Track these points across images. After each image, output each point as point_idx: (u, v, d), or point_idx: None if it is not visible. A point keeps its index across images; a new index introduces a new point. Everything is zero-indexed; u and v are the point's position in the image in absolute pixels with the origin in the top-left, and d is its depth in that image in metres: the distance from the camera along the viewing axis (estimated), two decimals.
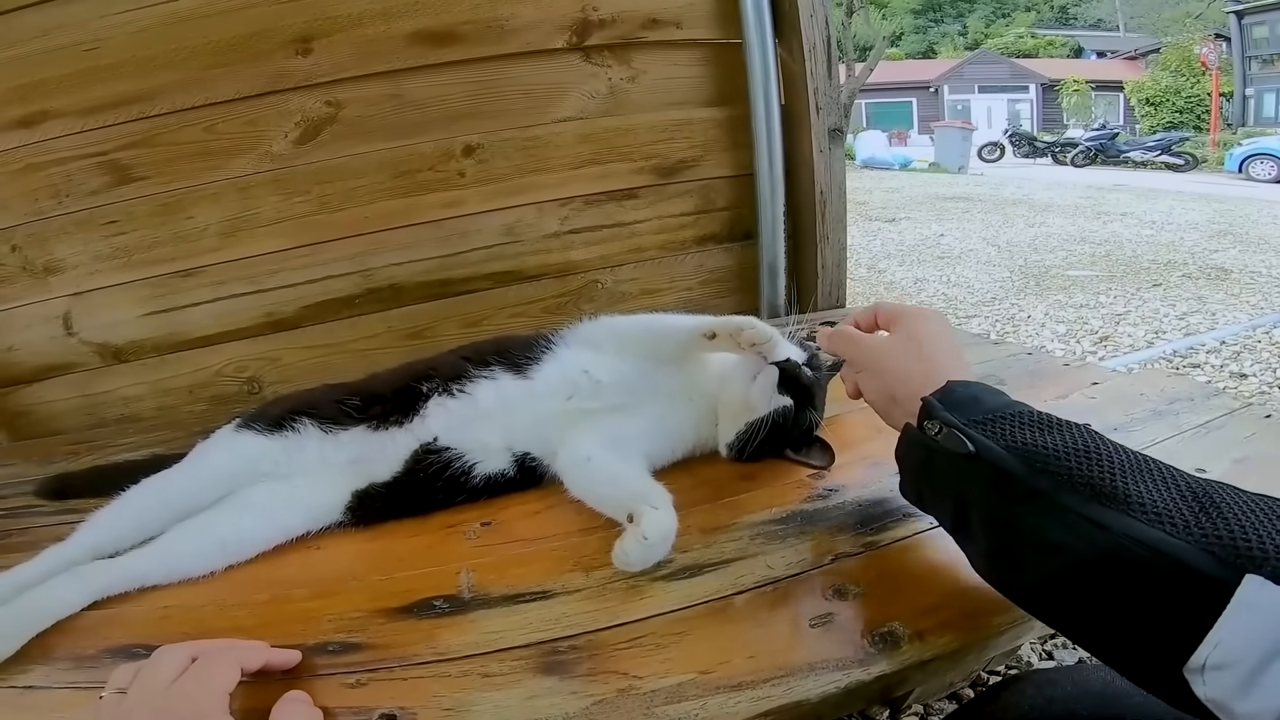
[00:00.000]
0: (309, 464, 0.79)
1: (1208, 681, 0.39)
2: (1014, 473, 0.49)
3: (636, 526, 0.64)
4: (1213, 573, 0.39)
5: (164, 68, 1.30)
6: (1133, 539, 0.42)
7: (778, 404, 0.80)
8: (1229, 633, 0.38)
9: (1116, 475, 0.46)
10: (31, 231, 1.32)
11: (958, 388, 0.58)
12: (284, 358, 1.46)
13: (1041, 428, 0.52)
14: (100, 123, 1.30)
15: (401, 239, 1.44)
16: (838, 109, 1.56)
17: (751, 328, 0.77)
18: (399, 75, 1.39)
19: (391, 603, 0.67)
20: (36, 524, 0.93)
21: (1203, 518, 0.42)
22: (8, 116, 1.28)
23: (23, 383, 1.38)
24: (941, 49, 27.81)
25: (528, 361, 0.84)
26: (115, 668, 0.60)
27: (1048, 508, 0.47)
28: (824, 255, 1.57)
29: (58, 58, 1.27)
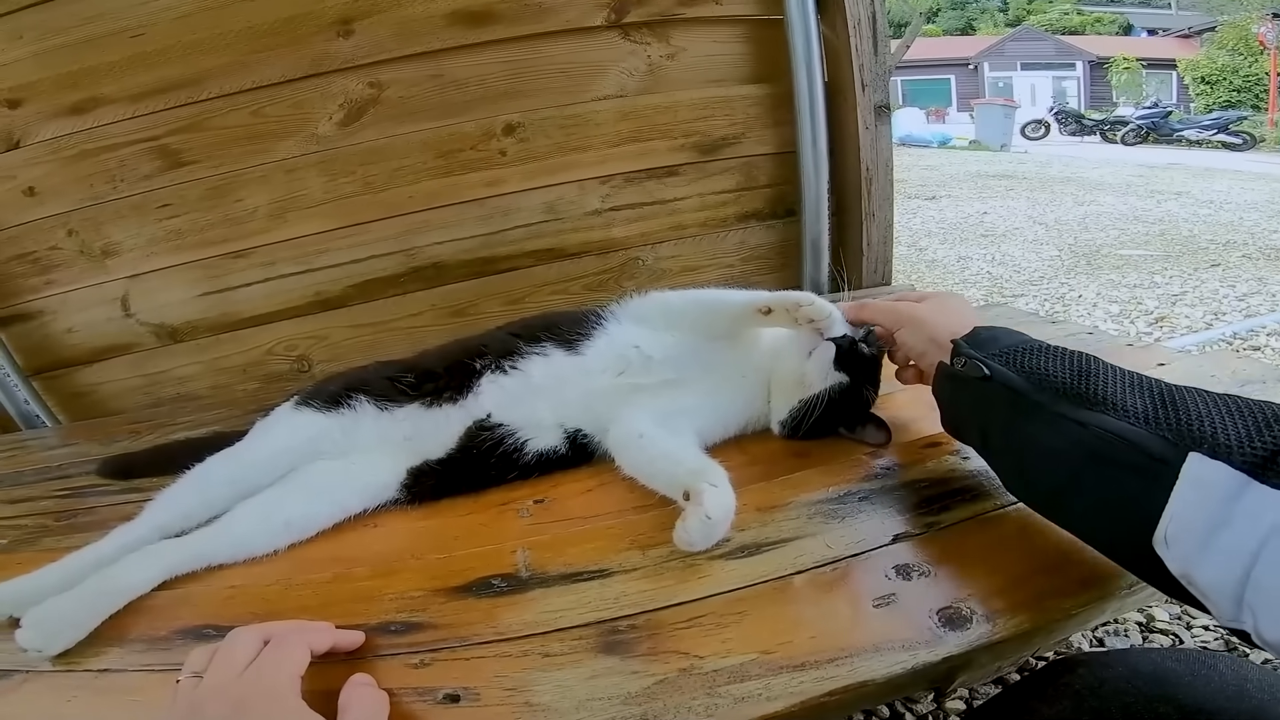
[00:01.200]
0: (366, 441, 0.80)
1: (1171, 555, 0.44)
2: (1020, 390, 0.58)
3: (698, 505, 0.63)
4: (1162, 453, 0.45)
5: (209, 52, 1.32)
6: (1105, 430, 0.49)
7: (834, 380, 0.78)
8: (1179, 506, 0.43)
9: (1103, 386, 0.53)
10: (88, 216, 1.36)
11: (982, 331, 0.67)
12: (331, 336, 1.49)
13: (1046, 354, 0.60)
14: (149, 108, 1.33)
15: (444, 218, 1.45)
16: (884, 85, 1.52)
17: (810, 303, 0.75)
18: (439, 55, 1.40)
19: (450, 581, 0.67)
20: (101, 503, 0.97)
21: (1162, 411, 0.48)
22: (60, 104, 1.32)
23: (82, 364, 1.44)
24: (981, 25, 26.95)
25: (579, 337, 0.83)
26: (187, 649, 0.61)
27: (1047, 417, 0.55)
28: (869, 232, 1.54)
29: (105, 45, 1.30)
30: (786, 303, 0.77)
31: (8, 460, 1.21)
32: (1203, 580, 0.43)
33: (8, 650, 0.64)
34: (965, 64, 22.73)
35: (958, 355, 0.66)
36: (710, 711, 0.51)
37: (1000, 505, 0.69)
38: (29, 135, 1.33)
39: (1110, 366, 0.56)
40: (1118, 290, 3.26)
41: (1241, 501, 0.41)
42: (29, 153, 1.34)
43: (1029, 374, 0.58)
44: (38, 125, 1.33)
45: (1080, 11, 25.51)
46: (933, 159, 10.73)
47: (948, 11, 27.49)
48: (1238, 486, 0.41)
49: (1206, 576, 0.42)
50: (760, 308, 0.79)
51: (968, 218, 5.45)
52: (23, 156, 1.34)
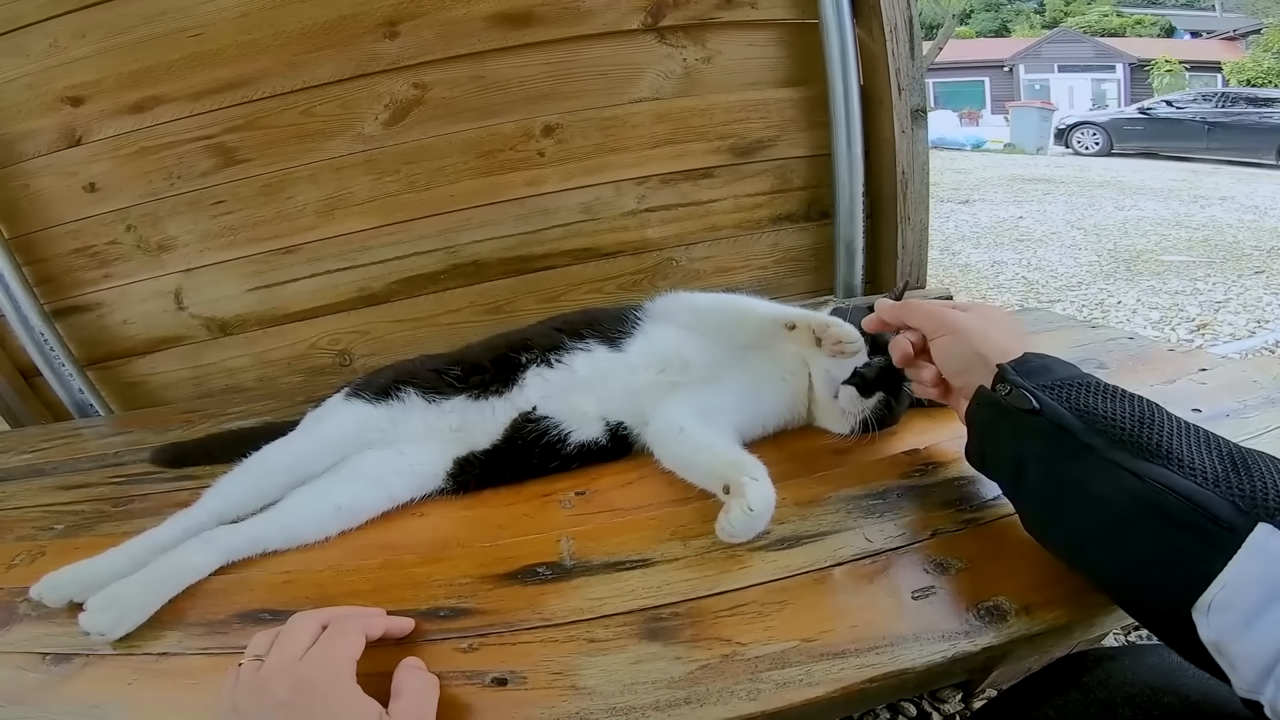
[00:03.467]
0: (414, 432, 0.83)
1: (1211, 622, 0.43)
2: (1071, 429, 0.54)
3: (740, 498, 0.65)
4: (1230, 519, 0.43)
5: (264, 52, 1.37)
6: (1166, 487, 0.47)
7: (873, 401, 0.80)
8: (1236, 574, 0.42)
9: (1164, 437, 0.50)
10: (146, 212, 1.42)
11: (1033, 358, 0.63)
12: (374, 331, 1.53)
13: (1103, 394, 0.56)
14: (206, 107, 1.38)
15: (484, 217, 1.49)
16: (920, 89, 1.51)
17: (839, 327, 0.76)
18: (481, 57, 1.43)
19: (497, 569, 0.69)
20: (156, 490, 1.00)
21: (1233, 475, 0.46)
22: (121, 102, 1.38)
23: (136, 355, 1.50)
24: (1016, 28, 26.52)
25: (620, 335, 0.86)
26: (244, 632, 0.64)
27: (1097, 462, 0.52)
28: (904, 236, 1.53)
29: (165, 44, 1.35)
30: (815, 323, 0.78)
31: (64, 448, 1.26)
32: (1238, 652, 0.42)
33: (69, 634, 0.67)
34: (999, 66, 22.38)
35: (1003, 381, 0.61)
36: (753, 696, 0.53)
37: None
38: (91, 133, 1.39)
39: (1175, 418, 0.53)
40: (1158, 296, 3.21)
41: None
42: (90, 149, 1.40)
43: (1083, 413, 0.55)
44: (99, 123, 1.39)
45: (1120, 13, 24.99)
46: (965, 162, 10.58)
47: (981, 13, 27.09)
48: None
49: (1244, 648, 0.42)
50: (786, 323, 0.80)
51: (1002, 222, 5.37)
52: (84, 153, 1.40)
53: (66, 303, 1.47)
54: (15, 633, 0.71)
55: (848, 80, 1.49)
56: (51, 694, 0.63)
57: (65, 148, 1.40)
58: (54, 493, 1.06)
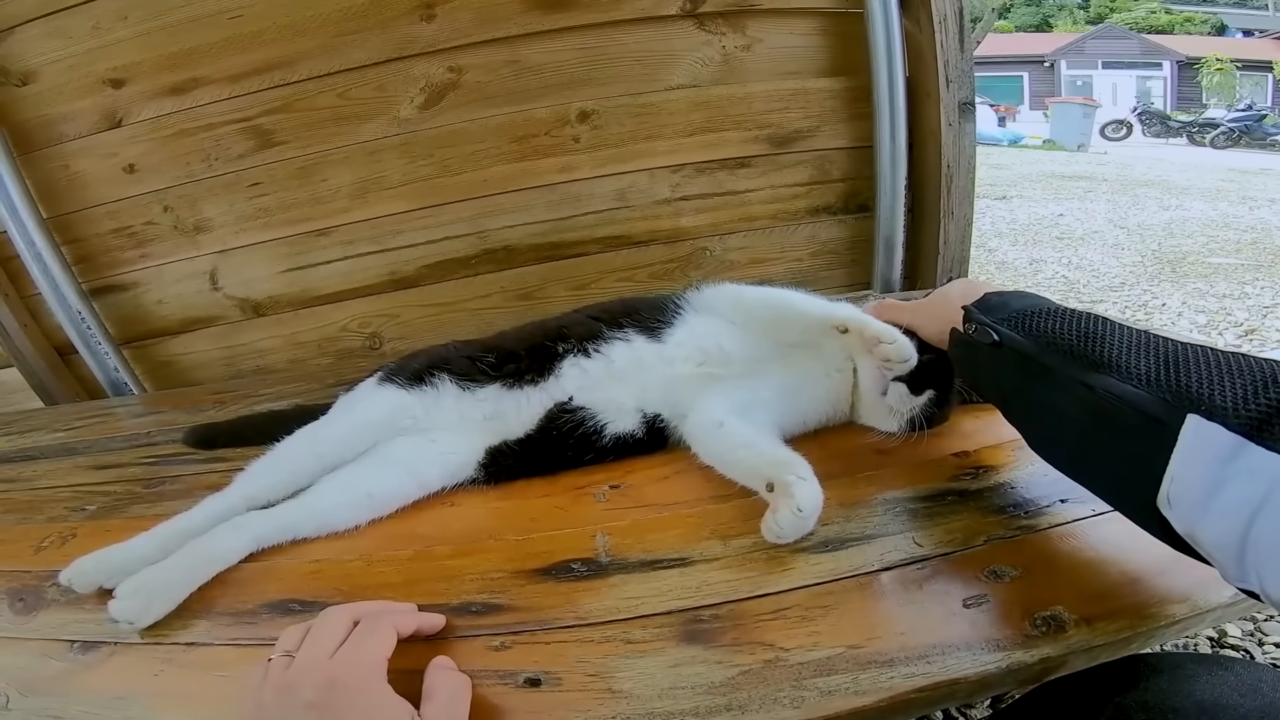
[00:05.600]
0: (447, 419, 0.82)
1: (1176, 515, 0.45)
2: (1029, 354, 0.58)
3: (789, 498, 0.63)
4: (1163, 416, 0.46)
5: (301, 35, 1.37)
6: (1111, 394, 0.50)
7: (923, 399, 0.78)
8: (1178, 466, 0.44)
9: (1108, 348, 0.53)
10: (183, 193, 1.43)
11: (992, 297, 0.68)
12: (403, 315, 1.54)
13: (1054, 316, 0.60)
14: (244, 89, 1.39)
15: (516, 202, 1.48)
16: (969, 82, 1.48)
17: (892, 342, 0.73)
18: (516, 41, 1.42)
19: (530, 564, 0.68)
20: (187, 472, 1.00)
21: (1165, 372, 0.48)
22: (162, 84, 1.39)
23: (170, 334, 1.52)
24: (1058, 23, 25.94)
25: (659, 325, 0.84)
26: (273, 623, 0.64)
27: (1057, 380, 0.55)
28: (947, 231, 1.50)
29: (205, 26, 1.36)
30: (866, 331, 0.75)
31: (97, 427, 1.28)
32: (1207, 540, 0.44)
33: (95, 621, 0.67)
34: (1040, 61, 21.92)
35: (968, 321, 0.66)
36: (796, 704, 0.51)
37: (1097, 511, 0.67)
38: (131, 114, 1.41)
39: (1121, 328, 0.55)
40: (1205, 300, 3.11)
41: (1237, 462, 0.42)
42: (130, 131, 1.41)
43: (1037, 336, 0.59)
44: (140, 105, 1.40)
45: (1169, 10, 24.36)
46: (1002, 157, 10.34)
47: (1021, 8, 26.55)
48: (1234, 448, 0.42)
49: (1209, 536, 0.44)
50: (838, 325, 0.78)
51: (1041, 219, 5.23)
52: (124, 135, 1.42)
53: (103, 282, 1.50)
54: (42, 618, 0.71)
55: (893, 71, 1.46)
56: (75, 682, 0.62)
57: (105, 129, 1.42)
58: (86, 472, 1.07)
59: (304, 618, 0.63)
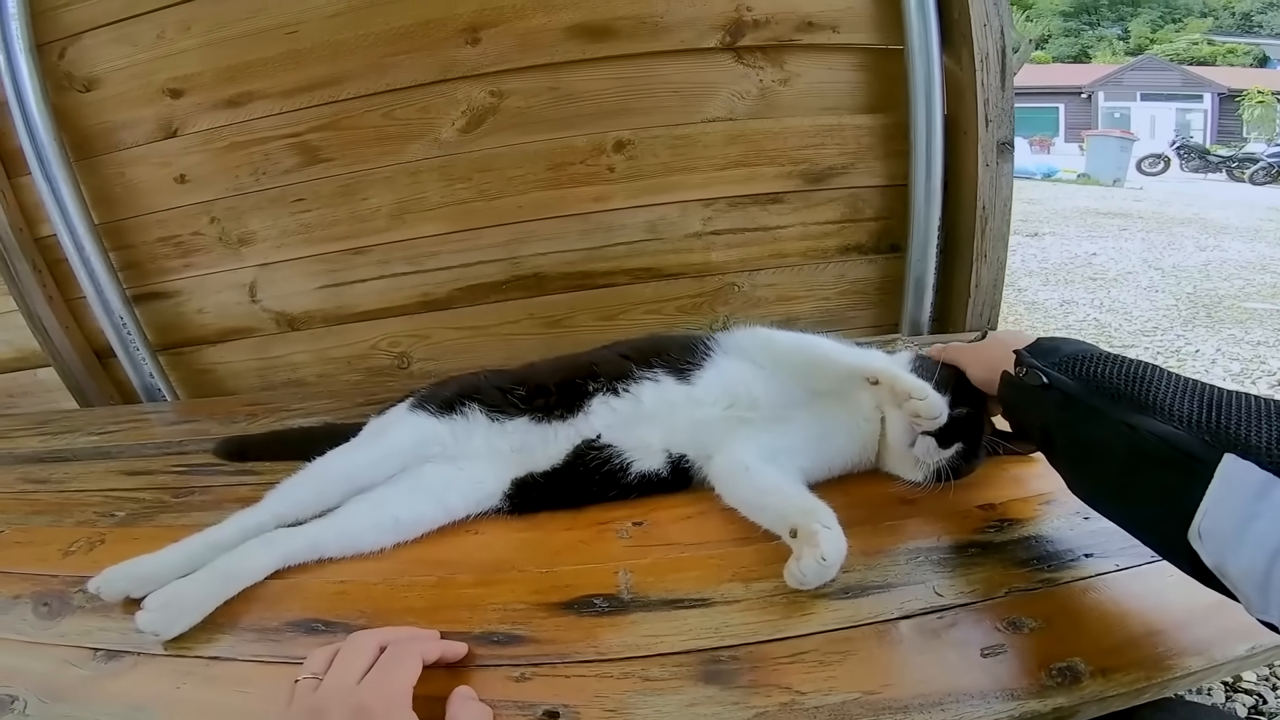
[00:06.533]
0: (475, 449, 0.84)
1: (1206, 548, 0.48)
2: (1077, 395, 0.63)
3: (814, 547, 0.64)
4: (1201, 454, 0.49)
5: (352, 53, 1.42)
6: (1153, 434, 0.54)
7: (951, 452, 0.78)
8: (1212, 501, 0.48)
9: (1153, 391, 0.57)
10: (230, 205, 1.49)
11: (1044, 341, 0.72)
12: (433, 336, 1.57)
13: (1103, 362, 0.64)
14: (295, 105, 1.44)
15: (549, 230, 1.51)
16: (1009, 121, 1.46)
17: (923, 399, 0.74)
18: (557, 68, 1.45)
19: (552, 597, 0.69)
20: (216, 483, 1.03)
21: (1205, 414, 0.52)
22: (219, 96, 1.45)
23: (207, 343, 1.57)
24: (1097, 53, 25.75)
25: (689, 366, 0.85)
26: (296, 642, 0.65)
27: (1101, 420, 0.60)
28: (979, 273, 1.49)
29: (263, 40, 1.41)
30: (897, 385, 0.76)
31: (131, 432, 1.32)
32: (1234, 572, 0.47)
33: (120, 630, 0.69)
34: (1077, 93, 21.72)
35: (1019, 364, 0.71)
36: None
37: (1120, 566, 0.68)
38: (187, 125, 1.47)
39: (1167, 374, 0.59)
40: (1239, 347, 3.06)
41: (1268, 499, 0.45)
42: (185, 141, 1.47)
43: (1086, 380, 0.63)
44: (196, 116, 1.46)
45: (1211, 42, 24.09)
46: (1036, 191, 10.22)
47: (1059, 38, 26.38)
48: (1265, 484, 0.45)
49: (1237, 569, 0.47)
50: (869, 377, 0.79)
51: (1074, 258, 5.17)
52: (179, 145, 1.48)
53: (147, 289, 1.55)
54: (67, 624, 0.73)
55: (931, 109, 1.46)
56: (97, 691, 0.64)
57: (162, 139, 1.48)
58: (117, 477, 1.11)
59: (328, 637, 0.66)
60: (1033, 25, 22.01)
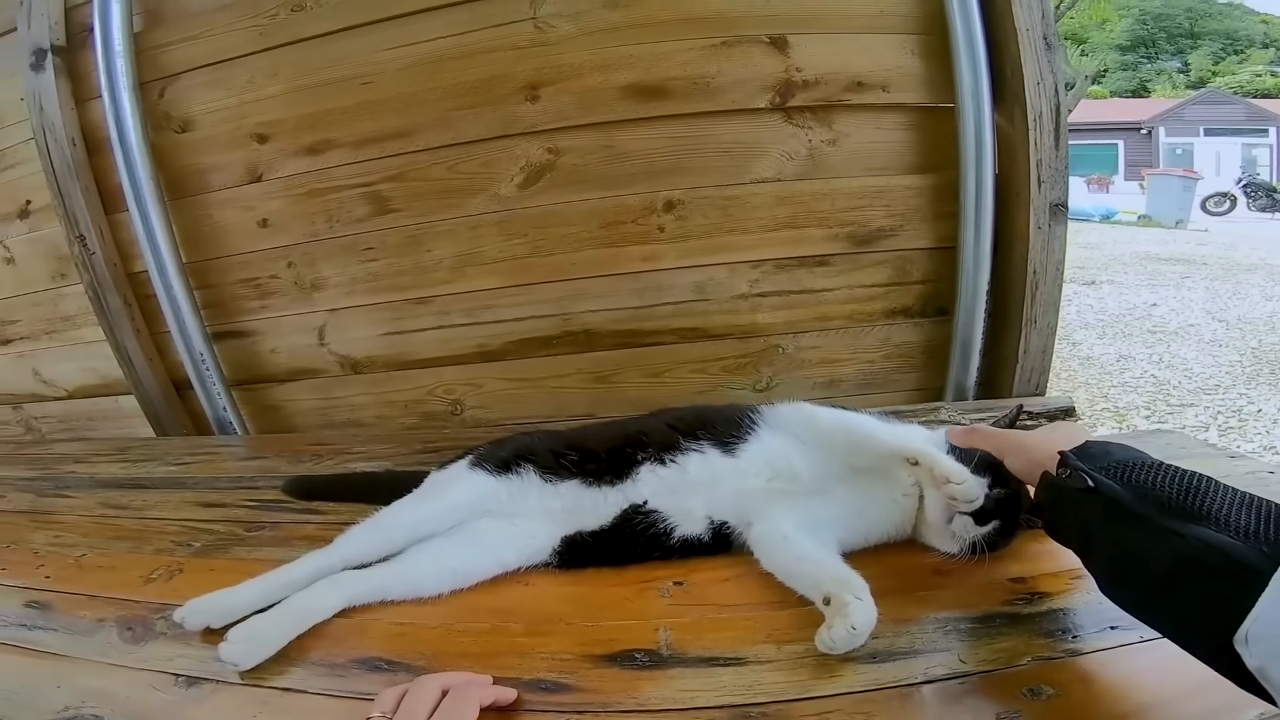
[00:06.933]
0: (529, 507, 0.91)
1: (1252, 651, 0.50)
2: (1124, 501, 0.64)
3: (845, 617, 0.69)
4: (1258, 564, 0.52)
5: (421, 105, 1.51)
6: (1206, 543, 0.56)
7: (987, 528, 0.82)
8: (1265, 608, 0.50)
9: (1207, 502, 0.59)
10: (306, 251, 1.60)
11: (1093, 445, 0.72)
12: (485, 385, 1.64)
13: (1156, 471, 0.65)
14: (368, 155, 1.54)
15: (600, 287, 1.57)
16: (1063, 182, 1.44)
17: (961, 483, 0.78)
18: (612, 127, 1.51)
19: (597, 649, 0.75)
20: (285, 519, 1.13)
21: (1262, 527, 0.55)
22: (300, 143, 1.56)
23: (277, 381, 1.68)
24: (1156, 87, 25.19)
25: (734, 440, 0.91)
26: (361, 678, 0.72)
27: (1148, 527, 0.61)
28: (1028, 339, 1.47)
29: (341, 89, 1.52)
30: (936, 469, 0.80)
31: (204, 464, 1.43)
32: (1277, 676, 0.50)
33: (201, 657, 0.77)
34: (1136, 128, 21.20)
35: (1063, 466, 0.71)
36: None
37: (1144, 638, 0.70)
38: (271, 170, 1.58)
39: (1220, 485, 0.61)
40: None
41: None
42: (268, 187, 1.59)
43: (1135, 488, 0.64)
44: (279, 162, 1.58)
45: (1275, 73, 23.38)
46: (1093, 235, 9.98)
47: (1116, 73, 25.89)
48: None
49: None
50: (909, 458, 0.83)
51: (1133, 309, 5.07)
52: (262, 190, 1.60)
53: (226, 327, 1.68)
54: (150, 649, 0.81)
55: (981, 169, 1.45)
56: (179, 715, 0.71)
57: (247, 183, 1.60)
58: (193, 508, 1.21)
59: (390, 676, 0.73)
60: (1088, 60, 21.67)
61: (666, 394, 1.57)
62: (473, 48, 1.50)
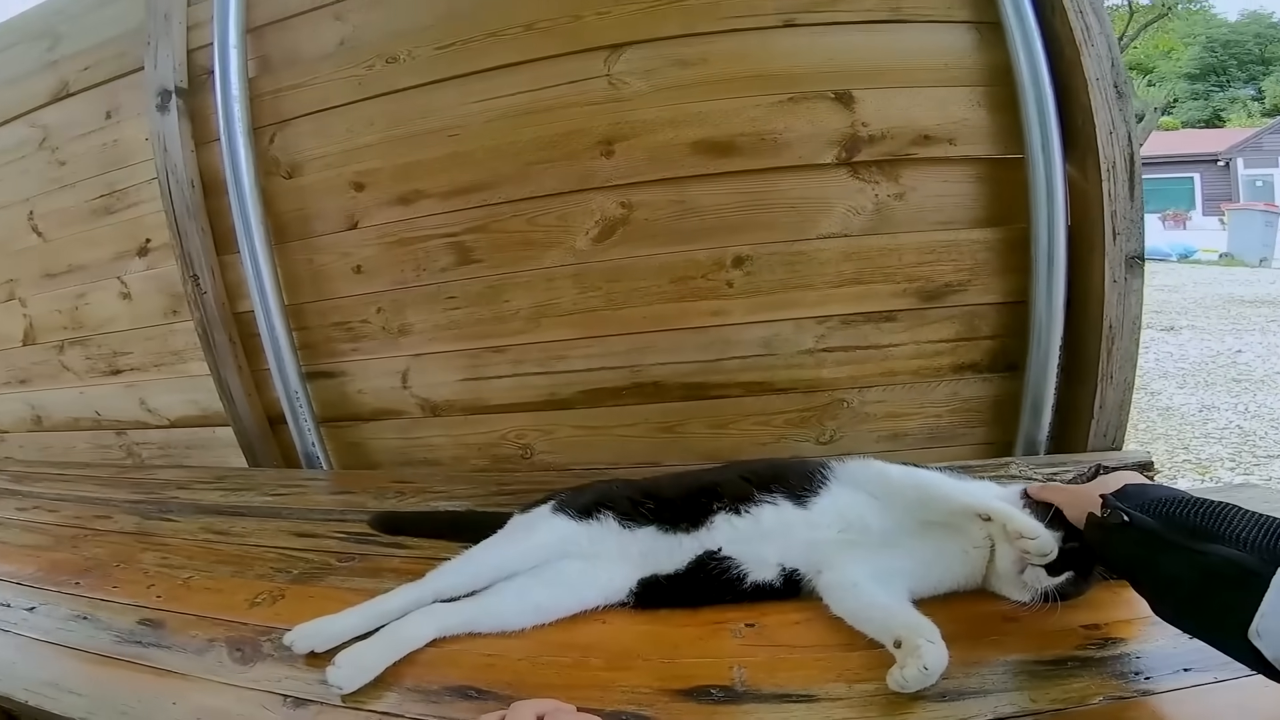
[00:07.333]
0: (608, 551, 0.98)
1: (1265, 644, 0.59)
2: (1155, 531, 0.72)
3: (917, 658, 0.73)
4: (1261, 570, 0.60)
5: (503, 158, 1.61)
6: (1219, 557, 0.64)
7: (1060, 579, 0.84)
8: (1268, 605, 0.58)
9: (1226, 525, 0.67)
10: (395, 298, 1.72)
11: (1131, 487, 0.80)
12: (556, 432, 1.71)
13: (1184, 504, 0.72)
14: (454, 206, 1.65)
15: (669, 341, 1.62)
16: (1139, 234, 1.42)
17: (1034, 538, 0.81)
18: (683, 182, 1.58)
19: (674, 684, 0.80)
20: (373, 552, 1.21)
21: (1265, 539, 0.63)
22: (393, 193, 1.68)
23: (361, 420, 1.80)
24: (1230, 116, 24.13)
25: (806, 493, 0.96)
26: (453, 705, 0.79)
27: (1176, 550, 0.69)
28: (1104, 395, 1.45)
29: (430, 141, 1.63)
30: (1009, 525, 0.83)
31: (297, 496, 1.54)
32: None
33: (306, 680, 0.85)
34: (1213, 160, 20.21)
35: (1105, 507, 0.79)
36: None
37: (1219, 679, 0.73)
38: (366, 218, 1.71)
39: (1242, 511, 0.68)
40: None
41: None
42: (363, 234, 1.72)
43: (1166, 519, 0.72)
44: (374, 210, 1.70)
45: None
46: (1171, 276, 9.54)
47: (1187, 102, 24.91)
48: None
49: None
50: (981, 514, 0.87)
51: (1215, 356, 4.85)
52: (358, 237, 1.72)
53: (319, 367, 1.81)
54: (259, 670, 0.89)
55: (1053, 222, 1.44)
56: None
57: (345, 229, 1.73)
58: (289, 537, 1.31)
59: (479, 703, 0.80)
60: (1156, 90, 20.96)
61: (730, 445, 1.61)
62: (551, 103, 1.59)
